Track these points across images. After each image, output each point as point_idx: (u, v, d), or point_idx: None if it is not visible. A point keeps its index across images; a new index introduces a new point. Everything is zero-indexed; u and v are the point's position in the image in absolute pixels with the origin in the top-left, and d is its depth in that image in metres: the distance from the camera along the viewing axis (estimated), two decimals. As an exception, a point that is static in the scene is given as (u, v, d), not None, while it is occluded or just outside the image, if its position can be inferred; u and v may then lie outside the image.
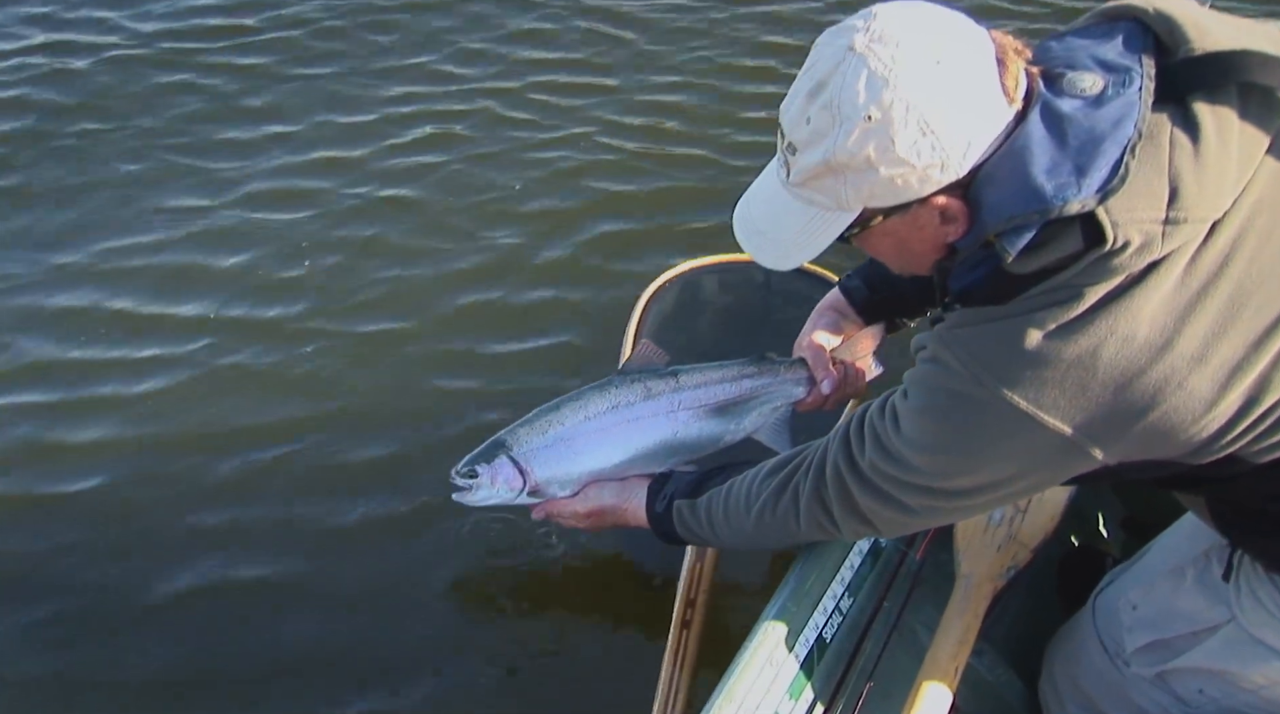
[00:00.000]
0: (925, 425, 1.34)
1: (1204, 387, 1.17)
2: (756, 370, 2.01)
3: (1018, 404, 1.22)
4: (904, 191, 1.22)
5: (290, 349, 2.90)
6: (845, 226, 1.29)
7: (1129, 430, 1.21)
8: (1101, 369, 1.18)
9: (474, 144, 3.72)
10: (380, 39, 4.25)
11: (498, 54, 4.20)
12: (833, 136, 1.21)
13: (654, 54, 4.21)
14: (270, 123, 3.80)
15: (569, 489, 1.98)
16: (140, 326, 2.97)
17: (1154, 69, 1.20)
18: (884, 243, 1.34)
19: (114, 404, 2.73)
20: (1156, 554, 1.75)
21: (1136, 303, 1.16)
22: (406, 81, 4.02)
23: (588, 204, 3.45)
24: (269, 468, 2.59)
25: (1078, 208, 1.14)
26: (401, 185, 3.50)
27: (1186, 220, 1.14)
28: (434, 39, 4.26)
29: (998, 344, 1.23)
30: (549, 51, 4.23)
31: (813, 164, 1.24)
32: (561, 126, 3.80)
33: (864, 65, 1.18)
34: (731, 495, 1.72)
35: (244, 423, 2.69)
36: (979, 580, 1.83)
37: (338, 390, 2.78)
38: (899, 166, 1.20)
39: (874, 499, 1.46)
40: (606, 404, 1.97)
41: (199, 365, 2.86)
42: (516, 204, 3.43)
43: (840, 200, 1.26)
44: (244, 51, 4.17)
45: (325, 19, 4.34)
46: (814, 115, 1.22)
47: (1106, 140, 1.15)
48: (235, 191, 3.46)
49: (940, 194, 1.22)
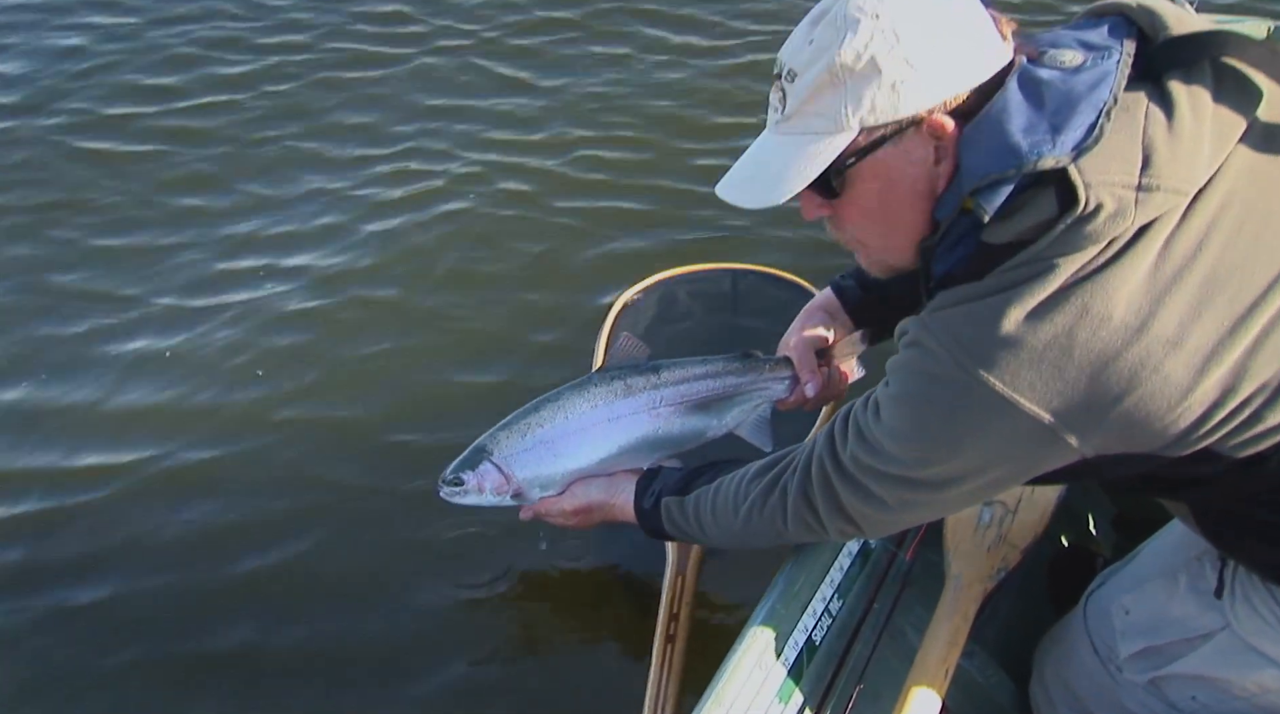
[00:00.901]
0: (903, 411, 1.33)
1: (1179, 372, 1.17)
2: (740, 367, 1.99)
3: (995, 387, 1.21)
4: (904, 103, 1.23)
5: (268, 367, 2.87)
6: (841, 149, 1.27)
7: (1105, 416, 1.20)
8: (1077, 351, 1.17)
9: (428, 160, 3.64)
10: (330, 98, 4.04)
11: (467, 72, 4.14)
12: (838, 42, 1.23)
13: (625, 78, 4.13)
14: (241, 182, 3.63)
15: (554, 489, 1.97)
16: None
17: (1133, 49, 1.23)
18: (871, 190, 1.31)
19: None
20: (1149, 557, 1.74)
21: (1112, 282, 1.16)
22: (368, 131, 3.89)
23: (553, 220, 3.38)
24: (255, 469, 2.58)
25: (1051, 163, 1.16)
26: (374, 218, 3.41)
27: (1159, 188, 1.15)
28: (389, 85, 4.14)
29: (974, 324, 1.23)
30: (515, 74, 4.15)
31: (814, 79, 1.25)
32: (522, 147, 3.73)
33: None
34: (720, 494, 1.71)
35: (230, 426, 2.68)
36: (969, 581, 1.82)
37: (309, 406, 2.75)
38: (903, 68, 1.22)
39: (855, 494, 1.45)
40: (586, 403, 1.95)
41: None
42: (482, 224, 3.37)
43: (838, 118, 1.25)
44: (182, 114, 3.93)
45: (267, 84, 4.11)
46: (817, 35, 1.25)
47: (1082, 102, 1.18)
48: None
49: (938, 114, 1.24)
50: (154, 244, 3.29)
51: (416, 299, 3.08)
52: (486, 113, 3.92)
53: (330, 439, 2.65)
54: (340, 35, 4.37)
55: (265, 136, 3.77)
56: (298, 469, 2.58)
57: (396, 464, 2.56)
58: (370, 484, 2.53)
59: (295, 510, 2.49)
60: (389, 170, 3.62)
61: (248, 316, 3.01)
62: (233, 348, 2.92)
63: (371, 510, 2.48)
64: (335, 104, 3.97)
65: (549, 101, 3.98)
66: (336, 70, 4.16)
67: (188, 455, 2.62)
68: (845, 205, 1.34)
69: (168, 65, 4.16)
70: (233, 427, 2.69)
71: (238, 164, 3.64)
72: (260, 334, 2.96)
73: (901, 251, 1.37)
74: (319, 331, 2.97)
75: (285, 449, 2.63)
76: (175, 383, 2.82)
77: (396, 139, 3.78)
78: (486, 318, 3.01)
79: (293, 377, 2.83)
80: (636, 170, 3.63)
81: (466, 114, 3.91)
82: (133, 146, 3.73)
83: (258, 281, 3.15)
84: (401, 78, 4.12)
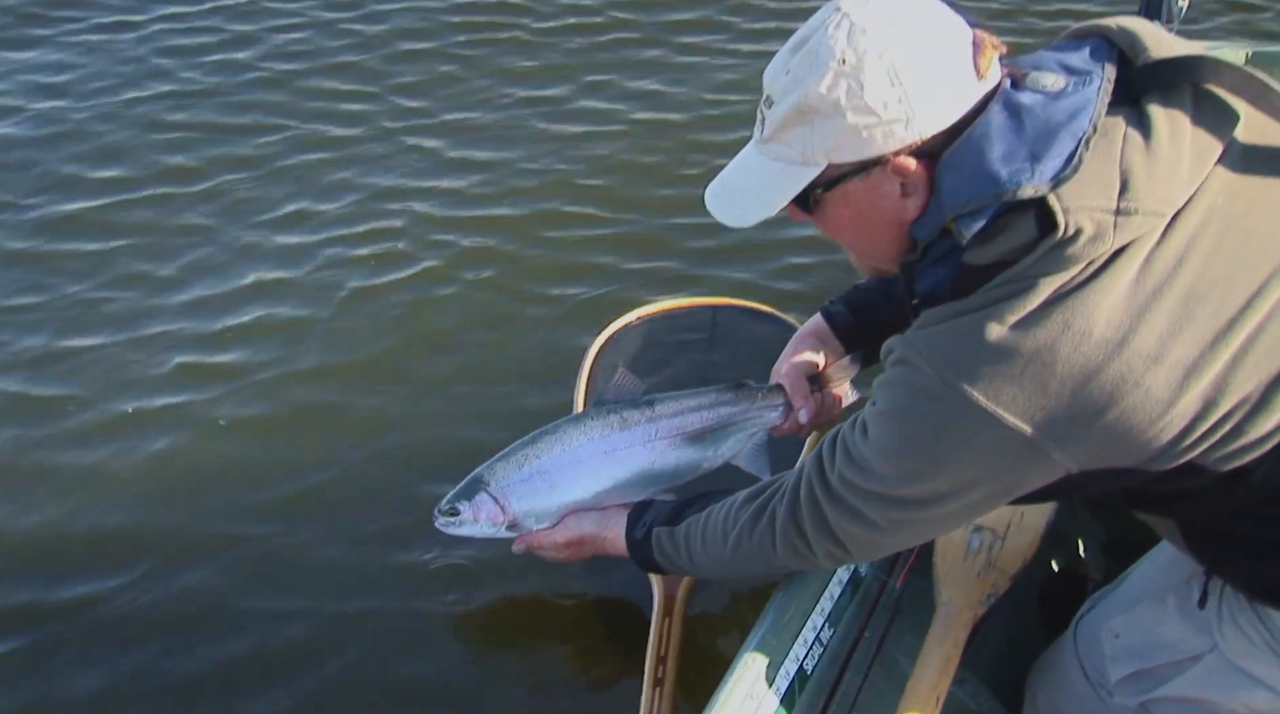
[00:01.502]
0: (889, 427, 1.34)
1: (1160, 386, 1.18)
2: (733, 397, 2.00)
3: (978, 401, 1.23)
4: (867, 145, 1.26)
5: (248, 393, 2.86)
6: (807, 181, 1.32)
7: (1088, 430, 1.21)
8: (1059, 365, 1.19)
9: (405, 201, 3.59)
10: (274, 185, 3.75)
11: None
12: (808, 80, 1.26)
13: (593, 105, 4.09)
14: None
15: (549, 521, 1.97)
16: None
17: (1114, 74, 1.26)
18: (844, 215, 1.36)
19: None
20: (1138, 580, 1.73)
21: (1092, 299, 1.18)
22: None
23: (530, 258, 3.33)
24: (247, 505, 2.56)
25: (1030, 192, 1.18)
26: (339, 278, 3.31)
27: (1137, 212, 1.17)
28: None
29: (958, 339, 1.25)
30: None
31: (785, 110, 1.30)
32: (502, 180, 3.69)
33: (847, 19, 1.26)
34: (710, 522, 1.70)
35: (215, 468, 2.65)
36: (959, 608, 1.81)
37: (289, 444, 2.72)
38: (865, 115, 1.24)
39: (843, 515, 1.45)
40: (583, 436, 1.96)
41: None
42: (459, 267, 3.31)
43: (806, 151, 1.30)
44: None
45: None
46: (794, 65, 1.29)
47: (1062, 131, 1.20)
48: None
49: (902, 155, 1.26)
50: (92, 345, 3.05)
51: (381, 358, 3.00)
52: (440, 170, 3.79)
53: (307, 487, 2.61)
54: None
55: (195, 224, 3.53)
56: (283, 509, 2.55)
57: (368, 509, 2.53)
58: (341, 526, 2.50)
59: (257, 536, 2.46)
60: (345, 233, 3.48)
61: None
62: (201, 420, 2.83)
63: (350, 544, 2.45)
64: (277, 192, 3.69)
65: (506, 154, 3.86)
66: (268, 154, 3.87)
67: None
68: (823, 222, 1.40)
69: (100, 155, 3.83)
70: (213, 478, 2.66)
71: (167, 255, 3.39)
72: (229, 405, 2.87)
73: (885, 261, 1.41)
74: (291, 395, 2.89)
75: (263, 500, 2.58)
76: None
77: (343, 208, 3.60)
78: (455, 370, 2.93)
79: (263, 443, 2.75)
80: (602, 218, 3.53)
81: (418, 184, 3.74)
82: (59, 244, 3.40)
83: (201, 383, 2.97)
84: (342, 150, 3.88)
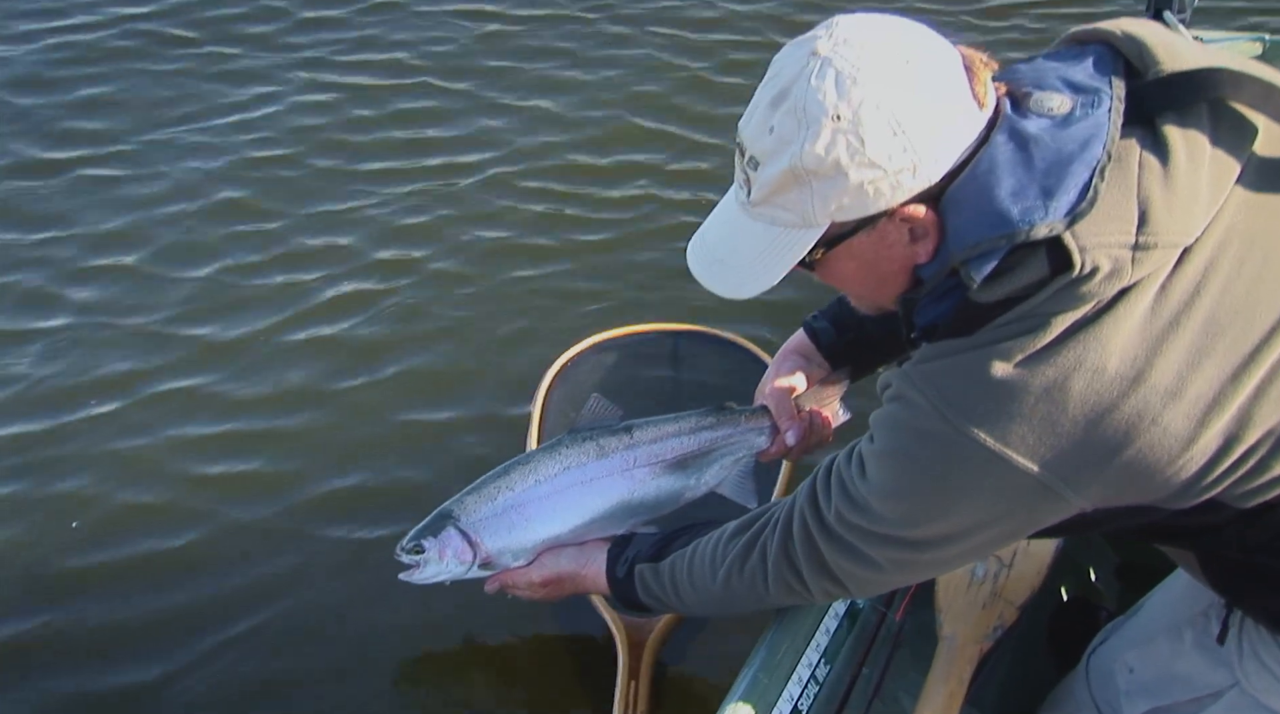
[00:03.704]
0: (890, 468, 1.29)
1: (1179, 423, 1.14)
2: (715, 421, 1.92)
3: (985, 442, 1.18)
4: (874, 201, 1.18)
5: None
6: (810, 245, 1.24)
7: (1103, 470, 1.17)
8: (1071, 404, 1.14)
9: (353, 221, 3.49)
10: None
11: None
12: (799, 141, 1.17)
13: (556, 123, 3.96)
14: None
15: (523, 558, 1.89)
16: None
17: (1123, 91, 1.19)
18: (848, 267, 1.28)
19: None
20: (1153, 610, 1.68)
21: (1106, 332, 1.13)
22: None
23: (476, 285, 3.19)
24: (209, 536, 2.51)
25: (1045, 232, 1.12)
26: (301, 270, 3.27)
27: (1157, 245, 1.12)
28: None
29: (962, 377, 1.19)
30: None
31: (776, 175, 1.20)
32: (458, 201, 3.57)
33: (830, 66, 1.15)
34: (696, 557, 1.64)
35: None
36: (963, 641, 1.77)
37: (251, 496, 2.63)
38: (870, 170, 1.15)
39: (842, 554, 1.39)
40: (558, 466, 1.88)
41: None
42: (410, 300, 3.17)
43: (806, 215, 1.21)
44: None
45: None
46: (777, 123, 1.18)
47: (1074, 162, 1.14)
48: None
49: (911, 203, 1.18)
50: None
51: (327, 387, 2.89)
52: (385, 201, 3.63)
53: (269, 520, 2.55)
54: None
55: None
56: (234, 551, 2.49)
57: (306, 557, 2.45)
58: (280, 571, 2.43)
59: (231, 589, 2.41)
60: (287, 264, 3.34)
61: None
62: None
63: (291, 592, 2.37)
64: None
65: (438, 183, 3.70)
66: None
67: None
68: (825, 276, 1.32)
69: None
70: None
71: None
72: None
73: (886, 301, 1.35)
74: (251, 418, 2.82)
75: (224, 537, 2.52)
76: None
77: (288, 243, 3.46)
78: (400, 406, 2.81)
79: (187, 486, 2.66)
80: (552, 248, 3.38)
81: (361, 211, 3.59)
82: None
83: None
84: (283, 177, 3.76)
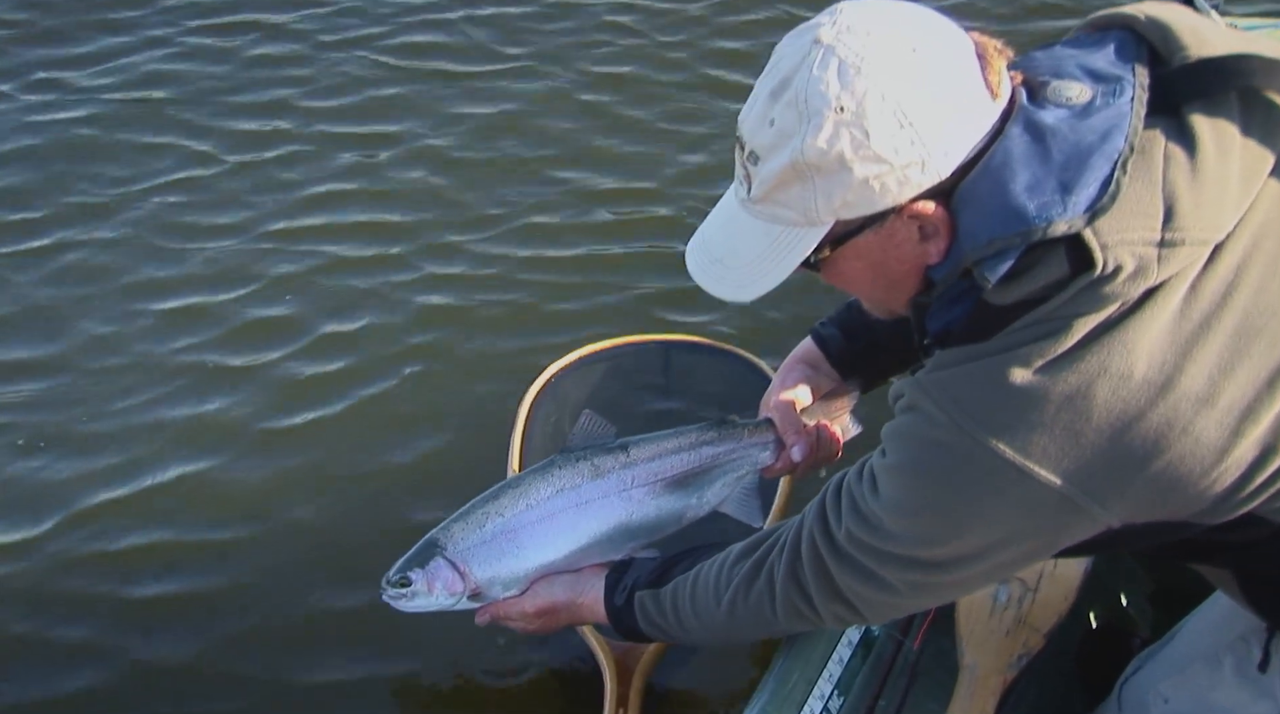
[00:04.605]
0: (903, 483, 1.24)
1: (1212, 432, 1.09)
2: (717, 435, 1.84)
3: (1003, 454, 1.13)
4: (881, 197, 1.14)
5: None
6: (814, 244, 1.20)
7: (1131, 483, 1.13)
8: (1095, 412, 1.09)
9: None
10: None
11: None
12: (800, 134, 1.13)
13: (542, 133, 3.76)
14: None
15: (516, 588, 1.80)
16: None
17: (1147, 79, 1.14)
18: (855, 268, 1.25)
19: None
20: (1189, 636, 1.61)
21: (1132, 335, 1.08)
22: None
23: (439, 303, 2.99)
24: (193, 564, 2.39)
25: (1064, 229, 1.08)
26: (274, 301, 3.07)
27: (1184, 242, 1.08)
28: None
29: (979, 385, 1.15)
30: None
31: (778, 170, 1.16)
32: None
33: (833, 55, 1.12)
34: (699, 582, 1.58)
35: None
36: (986, 672, 1.72)
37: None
38: (875, 165, 1.12)
39: (853, 576, 1.34)
40: (550, 488, 1.80)
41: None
42: (386, 327, 2.97)
43: (809, 212, 1.17)
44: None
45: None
46: (778, 115, 1.15)
47: (1094, 154, 1.09)
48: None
49: (919, 200, 1.14)
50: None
51: (293, 416, 2.72)
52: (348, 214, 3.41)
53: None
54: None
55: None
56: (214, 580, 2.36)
57: (283, 591, 2.33)
58: (259, 602, 2.31)
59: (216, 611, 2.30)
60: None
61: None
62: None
63: (272, 620, 2.26)
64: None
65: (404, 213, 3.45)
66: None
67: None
68: (830, 276, 1.28)
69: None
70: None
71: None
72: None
73: (897, 304, 1.31)
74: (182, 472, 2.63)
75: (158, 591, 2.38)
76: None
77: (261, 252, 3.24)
78: (360, 437, 2.64)
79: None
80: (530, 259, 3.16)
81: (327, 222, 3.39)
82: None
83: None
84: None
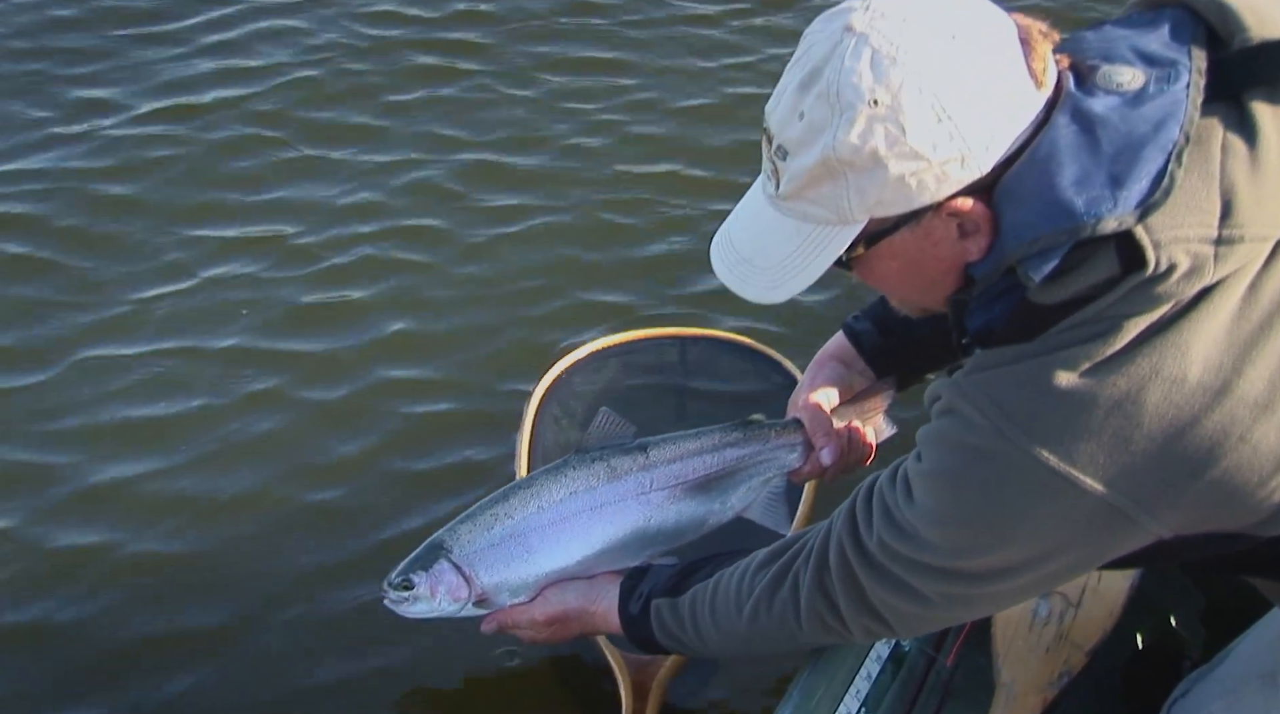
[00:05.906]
0: (940, 490, 1.21)
1: (1273, 439, 1.07)
2: (742, 437, 1.82)
3: (1047, 461, 1.11)
4: (917, 194, 1.11)
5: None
6: (847, 244, 1.17)
7: (1183, 493, 1.10)
8: (1146, 418, 1.07)
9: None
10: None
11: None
12: (831, 129, 1.10)
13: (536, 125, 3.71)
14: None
15: (525, 595, 1.77)
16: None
17: (1205, 63, 1.11)
18: (890, 267, 1.21)
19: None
20: (1243, 655, 1.56)
21: (1186, 337, 1.06)
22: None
23: (455, 295, 2.91)
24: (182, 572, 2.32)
25: (1114, 225, 1.05)
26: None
27: (1243, 239, 1.05)
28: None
29: (1021, 389, 1.12)
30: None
31: (808, 167, 1.13)
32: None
33: (866, 44, 1.08)
34: (720, 591, 1.56)
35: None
36: (1024, 690, 1.70)
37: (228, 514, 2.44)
38: (912, 161, 1.08)
39: (885, 587, 1.32)
40: (564, 490, 1.77)
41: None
42: (386, 307, 2.92)
43: (841, 211, 1.14)
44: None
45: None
46: (808, 108, 1.12)
47: (1147, 145, 1.06)
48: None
49: (959, 196, 1.11)
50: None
51: (293, 401, 2.67)
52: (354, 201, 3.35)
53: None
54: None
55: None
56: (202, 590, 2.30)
57: (282, 592, 2.25)
58: (259, 605, 2.24)
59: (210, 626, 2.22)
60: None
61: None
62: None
63: (268, 627, 2.19)
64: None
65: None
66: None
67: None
68: (864, 275, 1.25)
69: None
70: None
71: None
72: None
73: (933, 303, 1.28)
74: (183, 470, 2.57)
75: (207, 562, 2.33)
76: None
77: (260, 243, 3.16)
78: (376, 425, 2.57)
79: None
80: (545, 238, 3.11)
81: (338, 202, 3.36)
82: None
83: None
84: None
